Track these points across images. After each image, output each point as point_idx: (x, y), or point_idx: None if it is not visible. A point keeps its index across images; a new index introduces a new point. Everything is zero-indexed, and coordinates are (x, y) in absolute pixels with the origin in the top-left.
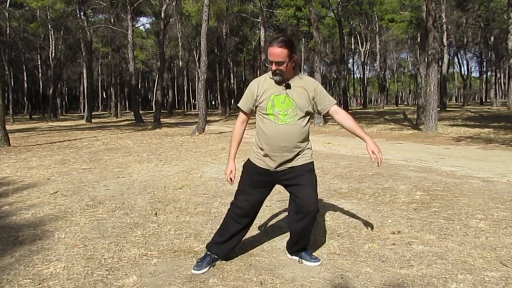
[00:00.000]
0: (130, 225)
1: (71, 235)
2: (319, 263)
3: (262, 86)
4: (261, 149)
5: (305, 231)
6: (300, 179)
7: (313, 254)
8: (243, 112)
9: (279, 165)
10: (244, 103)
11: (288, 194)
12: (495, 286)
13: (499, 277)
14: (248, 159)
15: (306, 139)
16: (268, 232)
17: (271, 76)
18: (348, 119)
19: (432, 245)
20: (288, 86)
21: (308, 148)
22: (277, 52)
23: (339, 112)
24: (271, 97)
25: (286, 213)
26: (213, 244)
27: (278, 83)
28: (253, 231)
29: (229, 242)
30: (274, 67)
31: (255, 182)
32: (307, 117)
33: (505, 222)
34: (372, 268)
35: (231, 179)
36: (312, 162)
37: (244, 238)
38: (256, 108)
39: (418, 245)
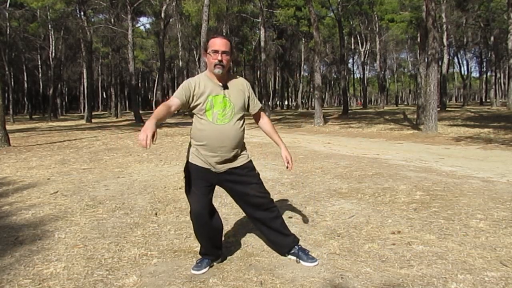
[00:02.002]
0: (130, 225)
1: (71, 235)
2: (316, 263)
3: (199, 85)
4: (200, 148)
5: (270, 225)
6: (244, 178)
7: (313, 254)
8: (176, 101)
9: (220, 164)
10: (179, 94)
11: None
12: (495, 286)
13: (499, 277)
14: (187, 162)
15: (242, 140)
16: None
17: (210, 72)
18: (270, 123)
19: (432, 245)
20: (225, 86)
21: (245, 149)
22: (223, 42)
23: (263, 115)
24: (209, 98)
25: (286, 213)
26: (201, 251)
27: (221, 78)
28: (253, 231)
29: (209, 249)
30: (220, 56)
31: (200, 183)
32: (243, 118)
33: (505, 222)
34: (372, 268)
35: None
36: (251, 161)
37: (244, 238)
38: (192, 107)
39: (418, 245)
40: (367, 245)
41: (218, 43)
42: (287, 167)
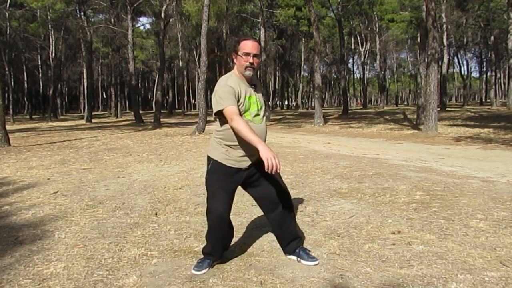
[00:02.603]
0: (130, 225)
1: (71, 235)
2: (317, 262)
3: (236, 86)
4: (234, 148)
5: (284, 221)
6: (266, 172)
7: (313, 254)
8: (236, 109)
9: (252, 161)
10: (230, 101)
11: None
12: (495, 286)
13: (499, 277)
14: (214, 162)
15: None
16: (268, 232)
17: (239, 73)
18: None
19: (432, 245)
20: (255, 87)
21: None
22: (255, 45)
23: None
24: (246, 98)
25: None
26: (207, 250)
27: (249, 80)
28: (253, 231)
29: (219, 245)
30: (252, 59)
31: (225, 184)
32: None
33: (505, 222)
34: (372, 268)
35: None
36: None
37: (244, 238)
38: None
39: (418, 245)
40: (367, 245)
41: (250, 46)
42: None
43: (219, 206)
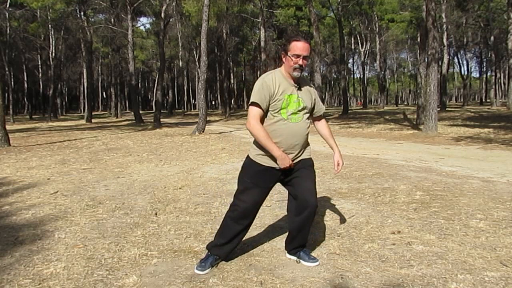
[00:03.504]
0: (130, 225)
1: (71, 235)
2: (317, 263)
3: (276, 83)
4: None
5: (304, 226)
6: (301, 172)
7: (313, 254)
8: (259, 108)
9: (293, 156)
10: (261, 99)
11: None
12: (495, 286)
13: (499, 277)
14: (249, 159)
15: (308, 136)
16: (268, 232)
17: (286, 72)
18: (327, 127)
19: (432, 245)
20: (299, 87)
21: (309, 145)
22: (306, 46)
23: (323, 119)
24: (285, 96)
25: (286, 213)
26: (214, 245)
27: (296, 80)
28: (253, 231)
29: (230, 244)
30: (301, 61)
31: (258, 181)
32: (309, 116)
33: (505, 222)
34: (372, 268)
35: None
36: (311, 158)
37: (244, 238)
38: (268, 106)
39: (418, 245)
40: (367, 245)
41: (301, 48)
42: (336, 170)
43: (251, 199)
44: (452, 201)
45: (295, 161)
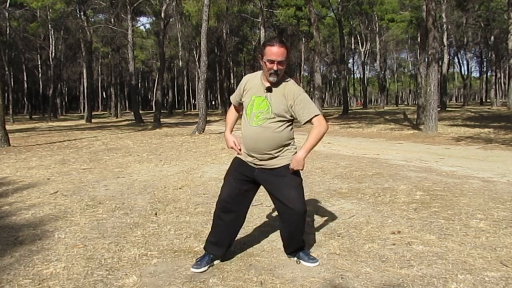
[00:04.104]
0: (130, 225)
1: (71, 235)
2: (317, 263)
3: (249, 83)
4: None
5: (294, 233)
6: (280, 180)
7: (313, 254)
8: (232, 98)
9: (256, 164)
10: (234, 94)
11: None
12: (495, 286)
13: (499, 277)
14: (235, 156)
15: (282, 143)
16: (268, 232)
17: (264, 76)
18: (313, 131)
19: (432, 245)
20: (269, 90)
21: (288, 150)
22: (280, 51)
23: (314, 125)
24: (253, 98)
25: None
26: (207, 244)
27: (272, 83)
28: (253, 231)
29: (220, 242)
30: (276, 66)
31: (238, 174)
32: (284, 123)
33: (505, 222)
34: (372, 268)
35: (240, 149)
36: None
37: (244, 238)
38: (241, 104)
39: (418, 245)
40: (367, 245)
41: (275, 53)
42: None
43: (223, 191)
44: (452, 201)
45: (265, 166)
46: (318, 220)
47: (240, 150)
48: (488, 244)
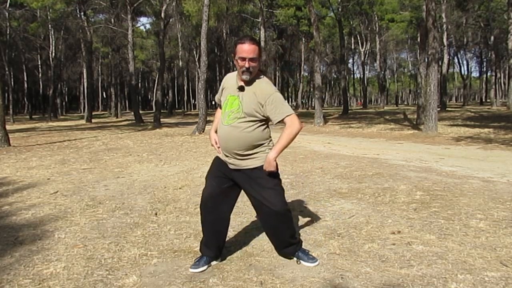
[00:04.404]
0: (130, 225)
1: (71, 235)
2: (317, 263)
3: (226, 82)
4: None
5: (278, 234)
6: (256, 181)
7: (313, 254)
8: (217, 100)
9: (230, 163)
10: (217, 96)
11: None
12: (495, 286)
13: (499, 277)
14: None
15: (254, 142)
16: None
17: (240, 75)
18: (285, 131)
19: (432, 245)
20: (241, 89)
21: (262, 152)
22: (251, 48)
23: (286, 125)
24: (228, 97)
25: None
26: (200, 245)
27: (246, 82)
28: (253, 231)
29: (208, 243)
30: (247, 64)
31: (218, 172)
32: (256, 123)
33: (505, 222)
34: (372, 268)
35: (219, 147)
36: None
37: (244, 238)
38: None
39: (418, 245)
40: (367, 245)
41: (246, 50)
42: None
43: (204, 191)
44: (452, 201)
45: (239, 167)
46: (318, 220)
47: (219, 148)
48: (488, 244)
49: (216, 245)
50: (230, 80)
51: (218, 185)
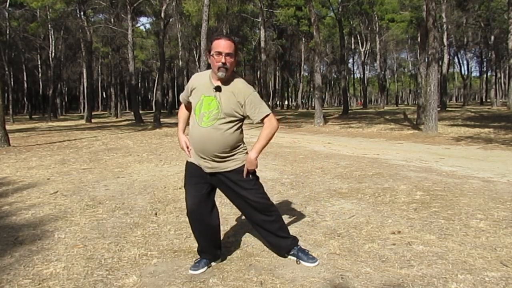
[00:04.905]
0: (130, 225)
1: (71, 235)
2: (317, 263)
3: (197, 82)
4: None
5: (265, 230)
6: (235, 183)
7: (313, 254)
8: (181, 98)
9: (208, 167)
10: (183, 93)
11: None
12: (495, 286)
13: (499, 277)
14: (187, 160)
15: (232, 144)
16: None
17: (214, 73)
18: (264, 130)
19: (432, 245)
20: (218, 89)
21: (239, 153)
22: (227, 43)
23: (267, 123)
24: (202, 97)
25: (285, 213)
26: (198, 250)
27: (222, 81)
28: (253, 231)
29: (206, 249)
30: (224, 59)
31: (194, 179)
32: (235, 123)
33: (505, 222)
34: (372, 268)
35: (189, 150)
36: (244, 165)
37: (244, 238)
38: (189, 104)
39: (418, 245)
40: (367, 245)
41: (222, 45)
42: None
43: (188, 200)
44: (452, 201)
45: (215, 170)
46: (318, 220)
47: (189, 152)
48: (488, 244)
49: (213, 248)
50: (201, 80)
51: (198, 193)
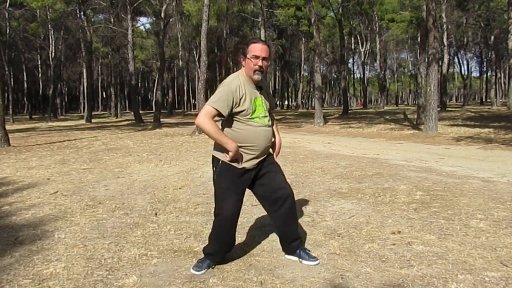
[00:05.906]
0: (130, 225)
1: (71, 235)
2: (317, 262)
3: (242, 89)
4: (244, 150)
5: (289, 219)
6: (269, 167)
7: (313, 254)
8: (218, 112)
9: (259, 161)
10: (223, 106)
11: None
12: (495, 286)
13: (499, 277)
14: (223, 164)
15: None
16: (268, 232)
17: (247, 76)
18: (276, 126)
19: (432, 245)
20: (260, 89)
21: None
22: (264, 47)
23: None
24: (252, 101)
25: None
26: (208, 252)
27: (256, 82)
28: (253, 231)
29: (223, 251)
30: (261, 62)
31: (237, 185)
32: None
33: (505, 222)
34: (372, 268)
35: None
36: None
37: (244, 238)
38: (235, 113)
39: (418, 245)
40: (367, 245)
41: (260, 49)
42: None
43: (230, 208)
44: (452, 201)
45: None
46: (318, 220)
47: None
48: (488, 244)
49: (225, 252)
50: (242, 85)
51: (241, 202)
